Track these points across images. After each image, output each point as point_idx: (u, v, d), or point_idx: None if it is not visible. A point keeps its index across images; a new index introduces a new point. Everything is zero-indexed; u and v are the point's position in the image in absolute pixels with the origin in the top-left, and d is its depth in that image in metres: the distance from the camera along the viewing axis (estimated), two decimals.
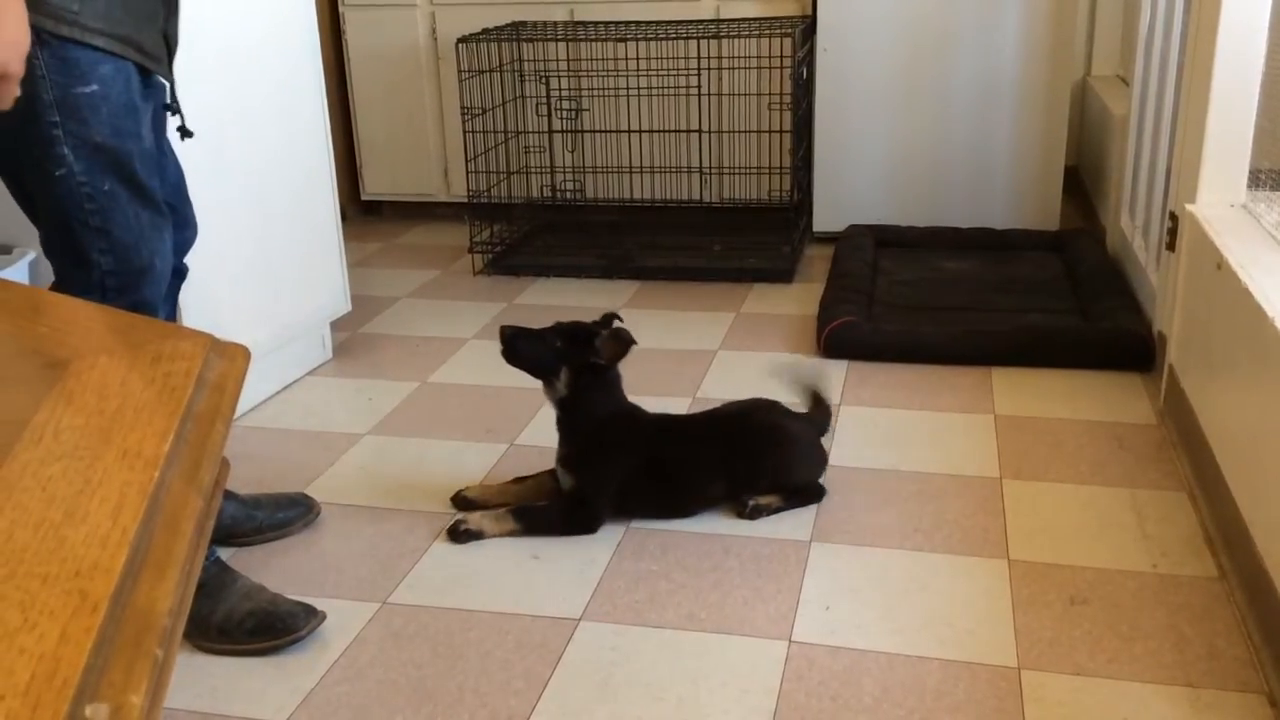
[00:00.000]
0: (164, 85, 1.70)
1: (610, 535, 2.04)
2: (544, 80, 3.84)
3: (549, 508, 2.08)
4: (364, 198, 4.27)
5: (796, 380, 2.36)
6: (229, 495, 2.00)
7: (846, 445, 2.35)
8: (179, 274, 1.79)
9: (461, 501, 2.13)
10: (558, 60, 3.82)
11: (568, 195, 3.94)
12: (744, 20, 3.66)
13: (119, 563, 0.63)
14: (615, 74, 3.72)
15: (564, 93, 3.85)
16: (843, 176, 3.73)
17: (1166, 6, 2.86)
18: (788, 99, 3.54)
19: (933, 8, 3.55)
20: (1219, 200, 2.26)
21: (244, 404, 2.55)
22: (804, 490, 2.12)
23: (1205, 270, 2.12)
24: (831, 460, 2.24)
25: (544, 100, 3.87)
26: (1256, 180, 2.23)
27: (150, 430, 0.79)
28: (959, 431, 2.40)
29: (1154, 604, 1.78)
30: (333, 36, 3.99)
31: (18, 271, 2.32)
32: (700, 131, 3.69)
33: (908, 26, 3.58)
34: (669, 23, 3.61)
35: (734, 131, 3.70)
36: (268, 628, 1.73)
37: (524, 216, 3.92)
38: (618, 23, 3.75)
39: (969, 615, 1.77)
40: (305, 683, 1.66)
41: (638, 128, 3.77)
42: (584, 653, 1.71)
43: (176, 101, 1.72)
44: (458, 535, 2.02)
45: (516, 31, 3.70)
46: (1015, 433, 2.38)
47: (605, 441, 2.07)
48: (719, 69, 3.62)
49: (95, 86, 1.49)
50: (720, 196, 3.82)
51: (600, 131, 3.83)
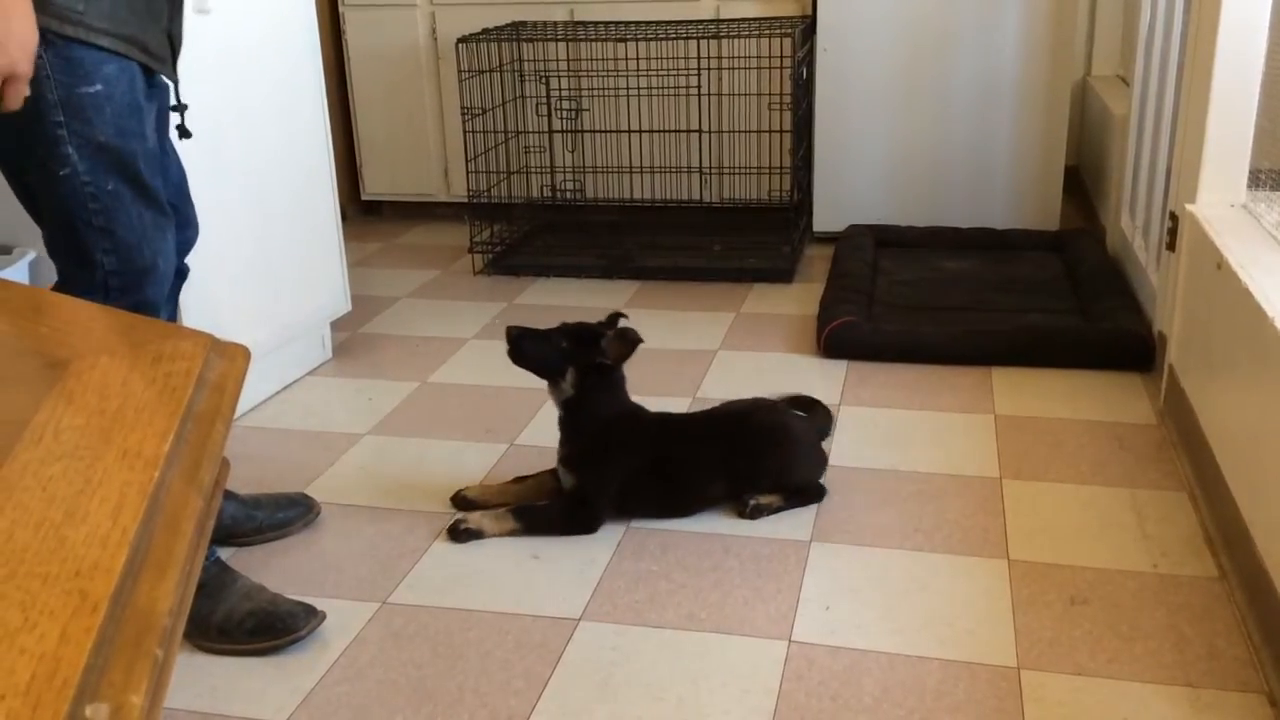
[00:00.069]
0: (167, 85, 1.70)
1: (610, 535, 2.04)
2: (544, 80, 3.84)
3: (549, 507, 2.08)
4: (364, 198, 4.27)
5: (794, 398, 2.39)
6: (229, 495, 2.00)
7: (846, 445, 2.35)
8: (180, 274, 1.79)
9: (461, 501, 2.13)
10: (558, 60, 3.82)
11: (568, 195, 3.94)
12: (744, 20, 3.66)
13: (119, 563, 0.63)
14: (615, 74, 3.72)
15: (564, 93, 3.85)
16: (843, 176, 3.73)
17: (1166, 6, 2.86)
18: (788, 99, 3.54)
19: (933, 8, 3.55)
20: (1219, 200, 2.26)
21: (244, 404, 2.56)
22: (804, 490, 2.12)
23: (1205, 270, 2.12)
24: (831, 460, 2.24)
25: (544, 100, 3.87)
26: (1256, 180, 2.23)
27: (150, 430, 0.79)
28: (959, 431, 2.40)
29: (1154, 604, 1.78)
30: (333, 36, 3.99)
31: (18, 271, 2.32)
32: (700, 131, 3.69)
33: (908, 26, 3.58)
34: (669, 23, 3.61)
35: (734, 131, 3.70)
36: (268, 628, 1.73)
37: (524, 216, 3.91)
38: (618, 23, 3.75)
39: (969, 615, 1.77)
40: (305, 683, 1.66)
41: (638, 128, 3.77)
42: (584, 653, 1.71)
43: (181, 101, 1.72)
44: (458, 535, 2.02)
45: (516, 31, 3.70)
46: (1015, 433, 2.38)
47: (609, 441, 2.07)
48: (719, 69, 3.62)
49: (99, 86, 1.49)
50: (720, 196, 3.82)
51: (600, 131, 3.83)
